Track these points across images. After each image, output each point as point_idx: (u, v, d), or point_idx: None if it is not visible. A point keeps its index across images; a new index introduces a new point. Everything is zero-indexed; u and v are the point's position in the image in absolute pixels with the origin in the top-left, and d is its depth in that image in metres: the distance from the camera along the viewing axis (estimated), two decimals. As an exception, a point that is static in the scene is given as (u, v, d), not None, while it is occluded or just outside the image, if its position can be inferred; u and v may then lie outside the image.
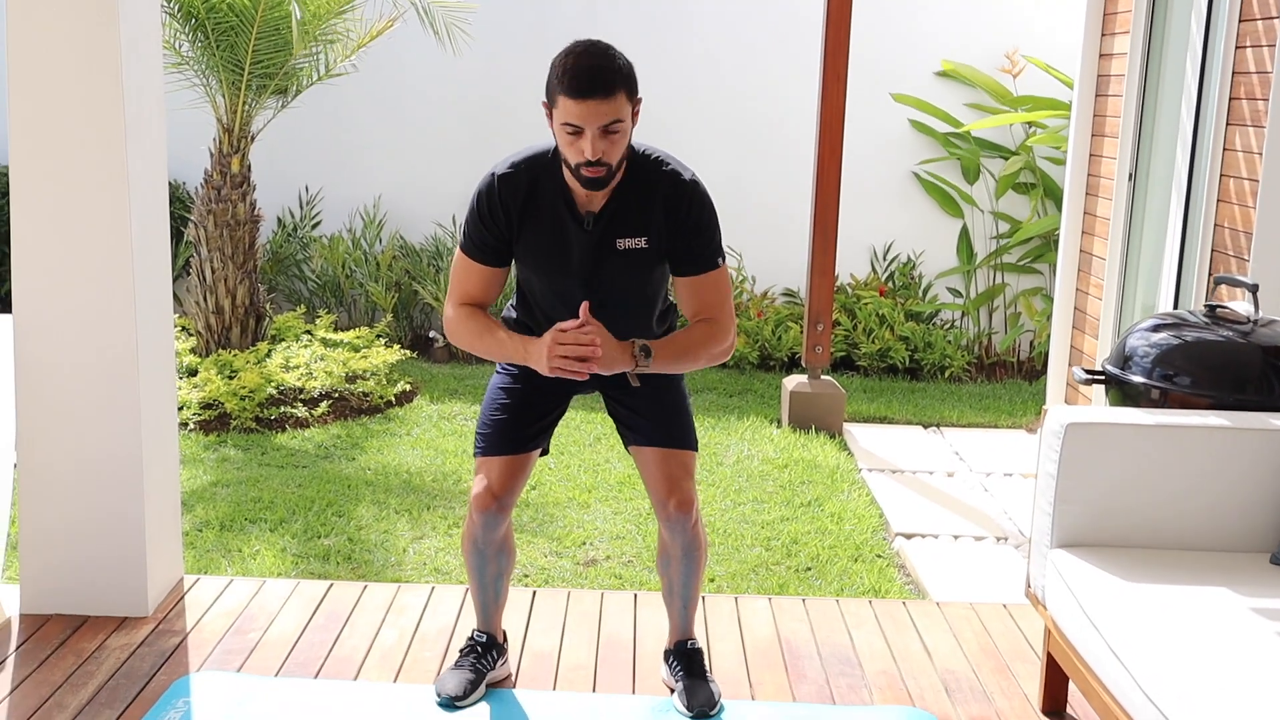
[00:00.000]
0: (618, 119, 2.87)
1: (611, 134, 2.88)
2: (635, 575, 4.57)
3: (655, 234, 3.06)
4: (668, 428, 3.22)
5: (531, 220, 3.07)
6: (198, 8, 6.48)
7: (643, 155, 3.06)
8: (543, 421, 3.29)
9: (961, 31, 8.21)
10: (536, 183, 3.05)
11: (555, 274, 3.13)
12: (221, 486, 5.32)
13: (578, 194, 3.04)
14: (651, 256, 3.09)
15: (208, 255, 6.87)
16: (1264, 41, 4.52)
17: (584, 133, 2.87)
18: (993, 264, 8.25)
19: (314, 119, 8.03)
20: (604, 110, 2.84)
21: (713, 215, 3.10)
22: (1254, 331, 3.42)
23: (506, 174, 3.07)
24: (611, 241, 3.05)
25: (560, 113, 2.88)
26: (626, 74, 2.89)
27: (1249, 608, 2.82)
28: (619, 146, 2.91)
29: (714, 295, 3.11)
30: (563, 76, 2.86)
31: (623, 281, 3.09)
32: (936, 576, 4.64)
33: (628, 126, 2.92)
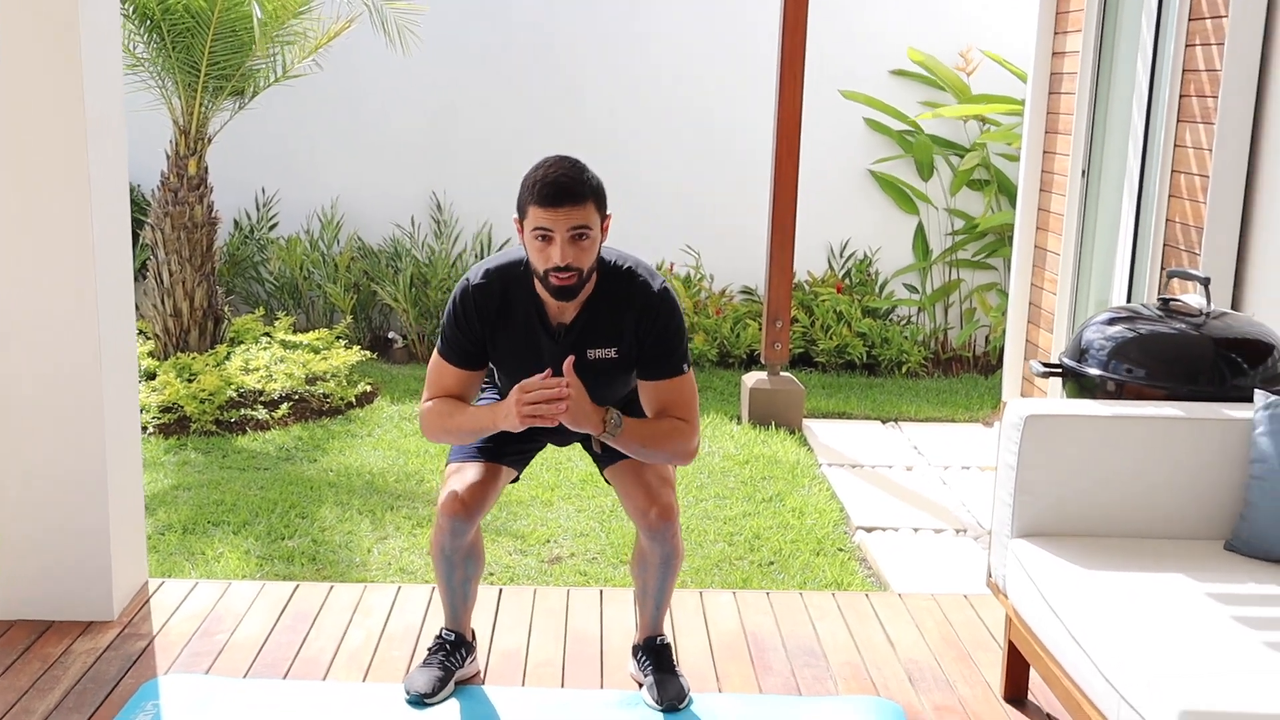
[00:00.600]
0: (587, 225, 2.92)
1: (580, 241, 2.93)
2: (600, 572, 4.60)
3: (625, 345, 3.12)
4: None
5: (504, 329, 3.12)
6: (153, 9, 6.44)
7: (613, 266, 3.11)
8: (520, 445, 3.32)
9: (916, 31, 8.28)
10: (508, 292, 3.10)
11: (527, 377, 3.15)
12: (183, 490, 5.30)
13: (549, 305, 3.09)
14: (621, 365, 3.15)
15: (165, 258, 6.84)
16: (1213, 40, 4.60)
17: (554, 238, 2.91)
18: (948, 260, 8.34)
19: (270, 122, 8.00)
20: (574, 216, 2.90)
21: (681, 324, 3.15)
22: (1206, 324, 3.49)
23: (480, 284, 3.11)
24: (582, 352, 3.11)
25: (530, 221, 2.94)
26: (595, 187, 2.96)
27: (1205, 593, 2.89)
28: (589, 254, 2.96)
29: (678, 399, 3.14)
30: (533, 187, 2.92)
31: (593, 388, 3.11)
32: (897, 569, 4.69)
33: (596, 236, 2.97)
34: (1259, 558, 3.09)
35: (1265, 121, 4.39)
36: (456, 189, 8.41)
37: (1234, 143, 4.44)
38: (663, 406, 3.14)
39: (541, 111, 8.26)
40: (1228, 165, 4.45)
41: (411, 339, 7.96)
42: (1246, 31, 4.37)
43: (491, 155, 8.28)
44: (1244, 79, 4.40)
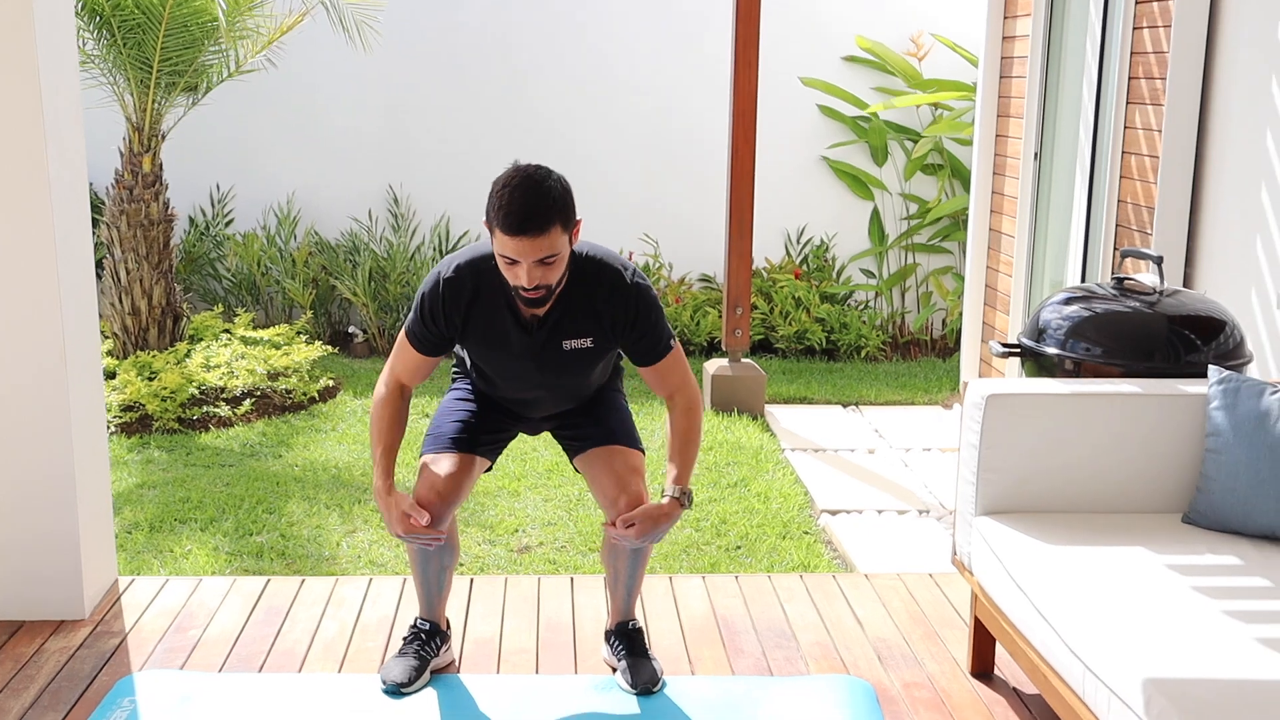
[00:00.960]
0: (553, 253, 2.93)
1: (547, 264, 2.95)
2: (569, 560, 4.64)
3: (600, 334, 3.17)
4: (611, 427, 3.32)
5: (475, 321, 3.15)
6: (102, 6, 6.40)
7: (584, 259, 3.13)
8: (493, 435, 3.37)
9: (867, 17, 8.35)
10: (480, 287, 3.12)
11: (502, 367, 3.25)
12: (148, 488, 5.29)
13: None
14: (597, 353, 3.21)
15: (122, 256, 6.80)
16: (1160, 22, 4.68)
17: (520, 264, 2.93)
18: (904, 245, 8.42)
19: (223, 118, 7.96)
20: (538, 246, 2.90)
21: (657, 306, 3.20)
22: (1160, 302, 3.56)
23: (450, 279, 3.13)
24: (558, 343, 3.15)
25: (497, 244, 2.95)
26: (561, 206, 2.93)
27: (1164, 564, 2.96)
28: (556, 270, 2.98)
29: (676, 375, 3.24)
30: (498, 211, 2.91)
31: (569, 373, 3.21)
32: (863, 550, 4.76)
33: (564, 254, 2.98)
34: (1216, 529, 3.16)
35: (1212, 102, 4.48)
36: (413, 182, 8.40)
37: (1182, 123, 4.53)
38: (666, 384, 3.24)
39: (496, 104, 8.27)
40: (1176, 146, 4.54)
41: (372, 333, 7.95)
42: (1192, 13, 4.46)
43: (448, 148, 8.28)
44: (1191, 61, 4.48)
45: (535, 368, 3.19)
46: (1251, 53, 4.26)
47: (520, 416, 3.40)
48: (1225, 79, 4.41)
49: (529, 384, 3.26)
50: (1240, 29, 4.33)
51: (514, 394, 3.33)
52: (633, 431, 3.37)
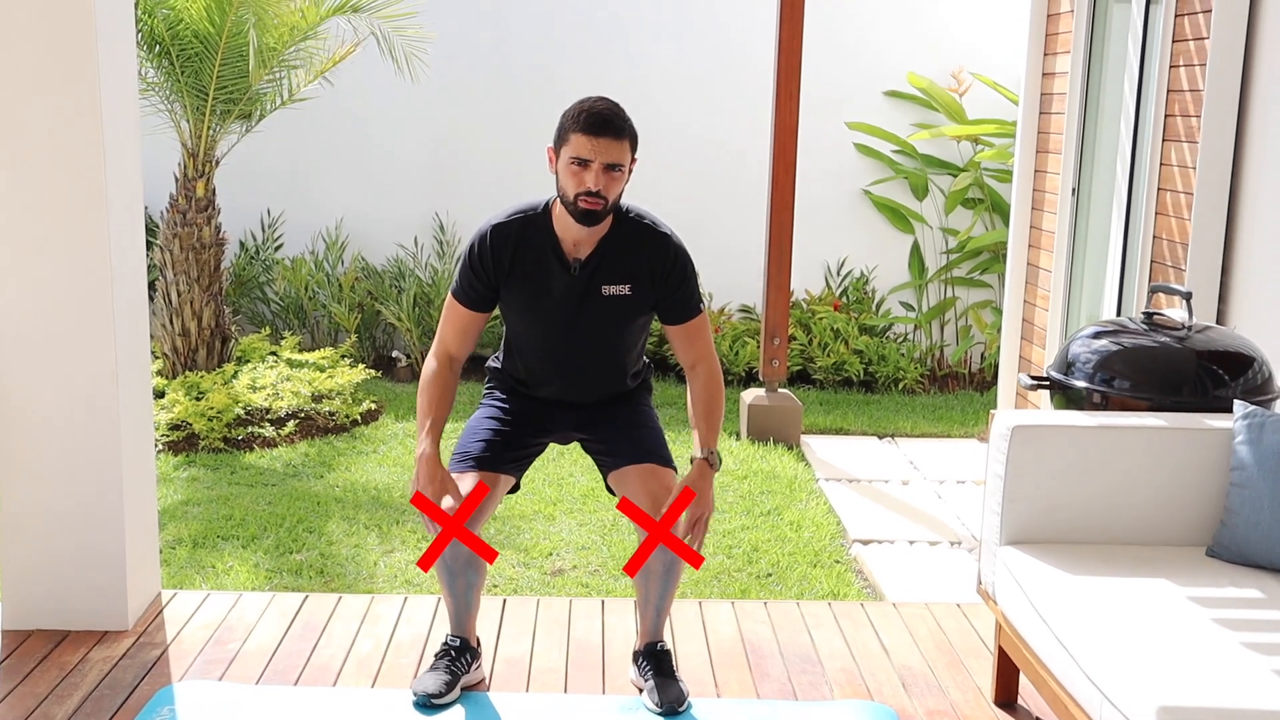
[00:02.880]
0: (621, 162, 3.17)
1: (613, 173, 3.16)
2: (601, 584, 4.70)
3: (639, 284, 3.34)
4: (645, 446, 3.43)
5: (520, 266, 3.32)
6: (162, 35, 6.58)
7: (632, 215, 3.34)
8: (519, 452, 3.47)
9: (908, 53, 8.42)
10: (526, 232, 3.31)
11: (540, 318, 3.37)
12: (193, 505, 5.41)
13: (565, 242, 3.30)
14: (633, 304, 3.35)
15: (174, 278, 6.96)
16: (1196, 61, 4.72)
17: (591, 165, 3.13)
18: (943, 278, 8.46)
19: (275, 144, 8.13)
20: (612, 150, 3.15)
21: (690, 269, 3.40)
22: (1189, 337, 3.59)
23: (499, 224, 3.33)
24: (598, 288, 3.31)
25: (570, 149, 3.16)
26: (633, 129, 3.23)
27: (1186, 597, 2.99)
28: (617, 186, 3.19)
29: (702, 338, 3.44)
30: (579, 116, 3.16)
31: (604, 326, 3.36)
32: (893, 580, 4.79)
33: (625, 175, 3.20)
34: (1239, 563, 3.19)
35: (1246, 140, 4.51)
36: (459, 210, 8.53)
37: (1217, 161, 4.56)
38: (693, 348, 3.42)
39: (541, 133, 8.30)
40: (1211, 183, 4.57)
41: (415, 357, 8.07)
42: (1228, 53, 4.50)
43: (493, 177, 8.41)
44: (1226, 99, 4.52)
45: (574, 312, 3.32)
46: (1285, 92, 4.30)
47: (550, 417, 3.49)
48: (1260, 117, 4.45)
49: (564, 336, 3.37)
50: (1275, 68, 4.37)
51: (548, 361, 3.42)
52: (666, 451, 3.45)
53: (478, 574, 3.45)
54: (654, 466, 3.39)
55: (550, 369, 3.46)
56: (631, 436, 3.46)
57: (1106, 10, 5.74)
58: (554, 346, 3.42)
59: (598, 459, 3.54)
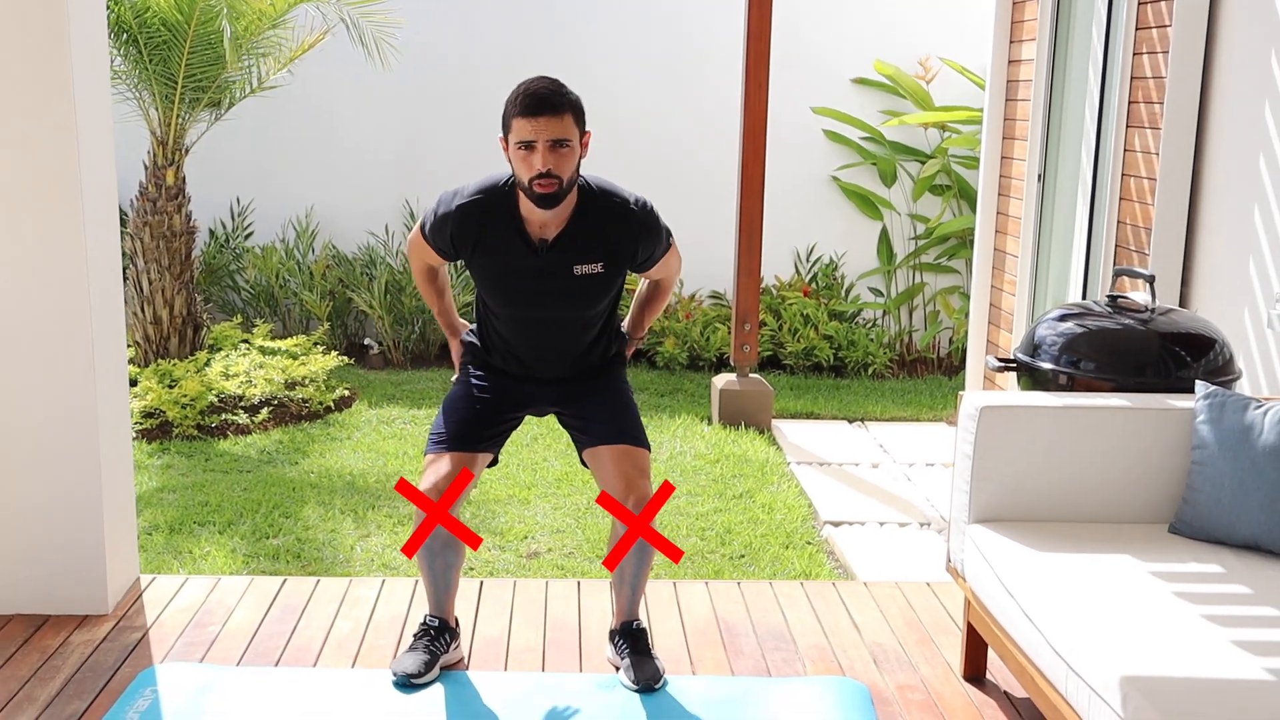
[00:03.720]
0: (566, 138, 3.17)
1: (560, 150, 3.16)
2: (576, 566, 4.76)
3: (611, 260, 3.38)
4: (620, 425, 3.47)
5: (485, 244, 3.35)
6: (130, 23, 6.56)
7: (594, 189, 3.36)
8: (496, 428, 3.51)
9: (876, 40, 8.49)
10: (490, 212, 3.33)
11: (509, 296, 3.41)
12: (168, 492, 5.43)
13: (530, 222, 3.31)
14: (607, 279, 3.40)
15: (144, 266, 6.96)
16: (1159, 48, 4.81)
17: (535, 148, 3.14)
18: (912, 264, 8.54)
19: (244, 132, 8.12)
20: (554, 127, 3.14)
21: (659, 226, 3.46)
22: (1152, 320, 3.68)
23: (465, 205, 3.34)
24: (568, 268, 3.33)
25: (514, 134, 3.17)
26: (574, 102, 3.22)
27: (1149, 572, 3.07)
28: (568, 163, 3.19)
29: (668, 266, 3.61)
30: (517, 100, 3.17)
31: (576, 304, 3.40)
32: (863, 560, 4.87)
33: (575, 149, 3.21)
34: (1200, 539, 3.27)
35: (1208, 126, 4.60)
36: (429, 197, 8.43)
37: (1179, 147, 4.65)
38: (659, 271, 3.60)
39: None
40: (1174, 168, 4.65)
41: (387, 345, 8.09)
42: (1190, 40, 4.58)
43: (461, 164, 8.39)
44: (1188, 86, 4.61)
45: (543, 291, 3.36)
46: (1246, 79, 4.38)
47: (526, 391, 3.53)
48: (1221, 104, 4.53)
49: (535, 312, 3.42)
50: (1235, 56, 4.46)
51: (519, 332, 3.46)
52: (640, 431, 3.50)
53: (456, 555, 3.49)
54: (628, 447, 3.44)
55: (522, 340, 3.48)
56: (606, 415, 3.50)
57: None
58: (524, 320, 3.45)
59: (573, 434, 3.59)
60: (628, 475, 3.38)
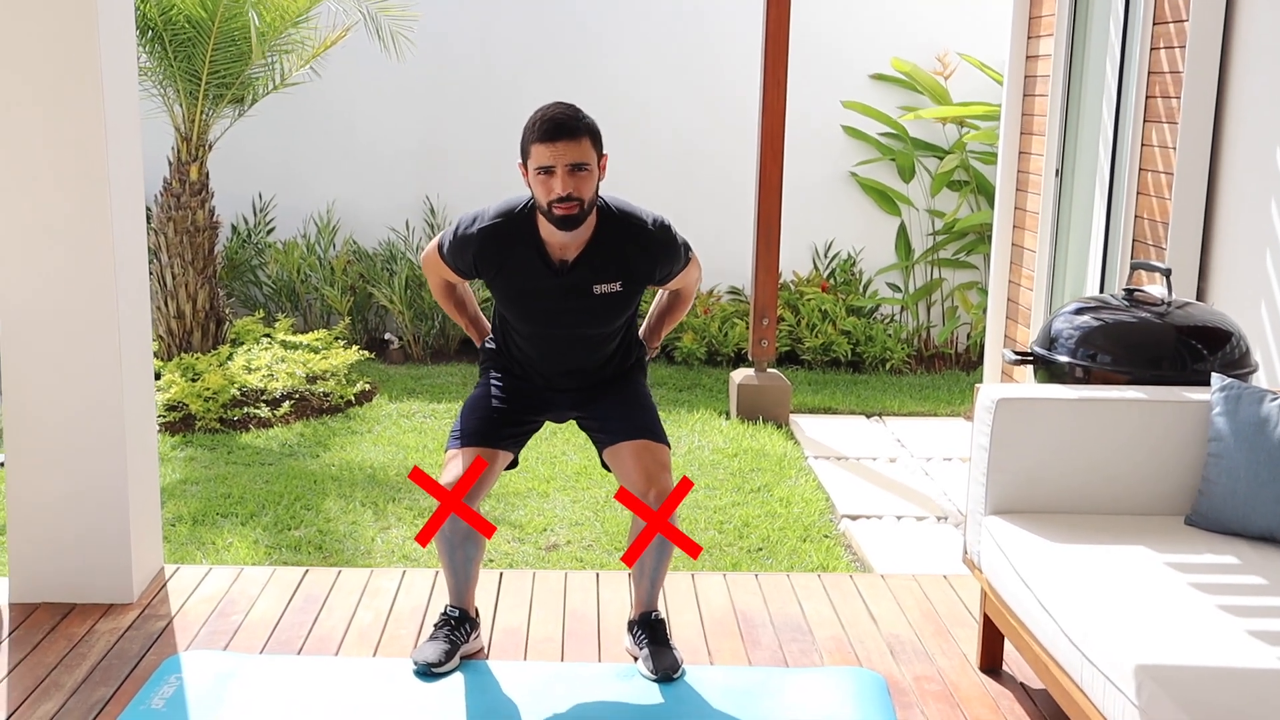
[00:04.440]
0: (584, 161, 3.22)
1: (579, 173, 3.22)
2: (595, 558, 4.79)
3: (630, 279, 3.41)
4: (639, 421, 3.51)
5: (507, 267, 3.39)
6: (155, 20, 6.62)
7: (613, 210, 3.40)
8: (517, 429, 3.56)
9: (895, 36, 8.50)
10: (512, 235, 3.37)
11: (529, 314, 3.46)
12: (191, 484, 5.48)
13: (550, 244, 3.36)
14: (626, 298, 3.44)
15: (168, 261, 7.02)
16: (1176, 43, 4.81)
17: (555, 172, 3.19)
18: (930, 260, 8.55)
19: (266, 128, 8.18)
20: (572, 151, 3.20)
21: (676, 244, 3.49)
22: (1169, 313, 3.69)
23: (487, 228, 3.39)
24: (588, 288, 3.37)
25: (533, 160, 3.23)
26: (590, 126, 3.28)
27: (1165, 563, 3.09)
28: (587, 185, 3.24)
29: (688, 279, 3.63)
30: (534, 127, 3.24)
31: (595, 321, 3.45)
32: (881, 553, 4.89)
33: (594, 171, 3.26)
34: (1216, 531, 3.29)
35: (1225, 121, 4.61)
36: (449, 193, 8.60)
37: (1196, 141, 4.66)
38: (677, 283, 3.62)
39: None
40: (1191, 163, 4.66)
41: (407, 339, 8.14)
42: (1207, 35, 4.59)
43: (483, 160, 8.46)
44: (1205, 80, 4.62)
45: (564, 311, 3.40)
46: (1263, 74, 4.39)
47: (546, 398, 3.57)
48: (1238, 98, 4.54)
49: (555, 330, 3.46)
50: (1252, 51, 4.46)
51: (539, 347, 3.51)
52: (659, 428, 3.54)
53: (476, 547, 3.53)
54: (647, 442, 3.48)
55: (541, 355, 3.54)
56: (625, 413, 3.54)
57: (1089, -7, 5.83)
58: (544, 337, 3.50)
59: (593, 436, 3.63)
60: (648, 469, 3.41)
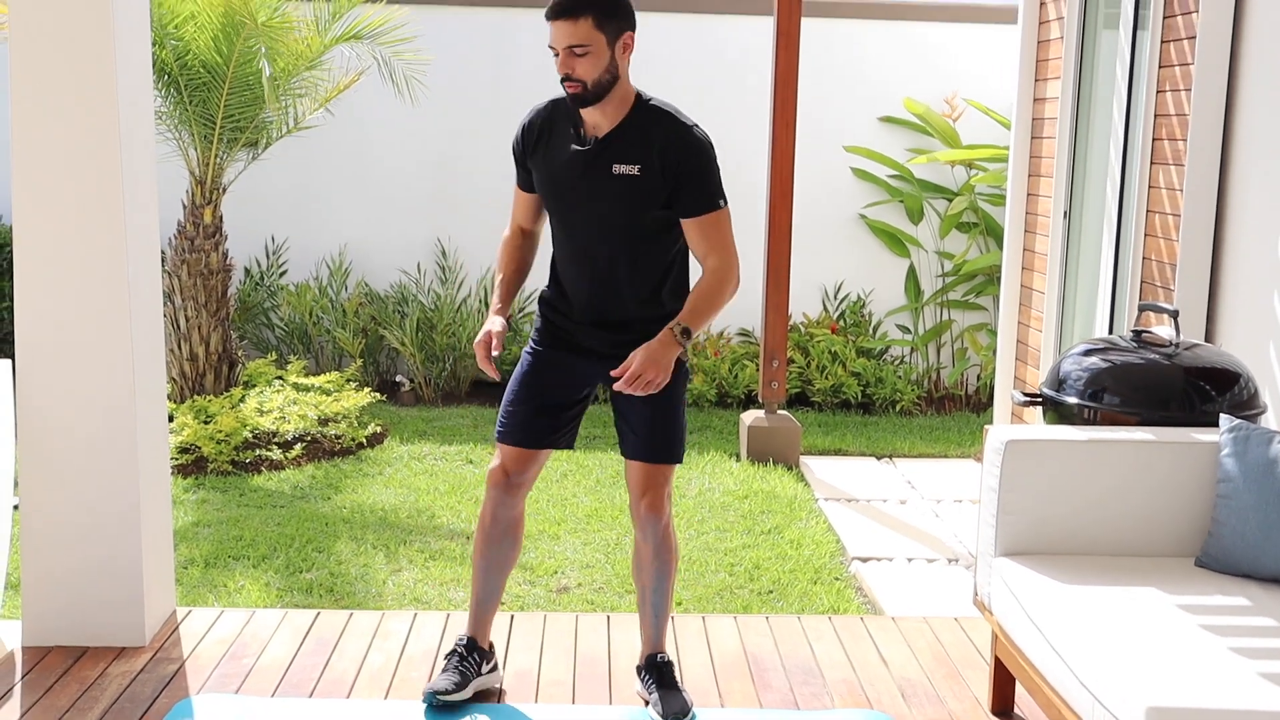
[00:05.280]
0: (582, 43, 3.28)
1: (578, 55, 3.29)
2: (606, 600, 4.80)
3: (648, 167, 3.38)
4: (654, 443, 3.50)
5: (544, 142, 3.52)
6: (170, 65, 6.70)
7: (654, 104, 3.46)
8: (559, 418, 3.57)
9: (903, 80, 8.56)
10: (555, 113, 3.53)
11: (557, 193, 3.51)
12: (203, 526, 5.50)
13: (587, 123, 3.44)
14: (641, 186, 3.38)
15: (182, 304, 7.07)
16: (1181, 86, 4.85)
17: (558, 53, 3.31)
18: (939, 301, 8.57)
19: (279, 171, 8.24)
20: (570, 32, 3.28)
21: (707, 161, 3.41)
22: (1177, 354, 3.71)
23: (537, 107, 3.59)
24: (608, 165, 3.40)
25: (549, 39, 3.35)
26: (597, 4, 3.28)
27: (1176, 605, 3.09)
28: (587, 66, 3.30)
29: (714, 234, 3.41)
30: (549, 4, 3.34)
31: (615, 208, 3.41)
32: (891, 596, 4.89)
33: (598, 51, 3.30)
34: (1227, 572, 3.29)
35: (1231, 163, 4.63)
36: (461, 236, 8.66)
37: (1203, 184, 4.68)
38: (705, 241, 3.42)
39: None
40: (1198, 205, 4.68)
41: (418, 382, 8.17)
42: (1212, 79, 4.62)
43: (494, 203, 8.46)
44: (1211, 123, 4.64)
45: (584, 185, 3.42)
46: (1268, 116, 4.42)
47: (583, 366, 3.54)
48: (1244, 141, 4.57)
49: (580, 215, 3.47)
50: (1257, 93, 4.50)
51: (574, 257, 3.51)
52: (675, 447, 3.52)
53: (512, 549, 3.60)
54: (655, 466, 3.49)
55: (576, 268, 3.51)
56: (649, 431, 3.48)
57: (1095, 37, 5.87)
58: (574, 232, 3.48)
59: (618, 422, 3.58)
60: (646, 483, 3.49)
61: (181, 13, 6.65)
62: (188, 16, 6.65)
